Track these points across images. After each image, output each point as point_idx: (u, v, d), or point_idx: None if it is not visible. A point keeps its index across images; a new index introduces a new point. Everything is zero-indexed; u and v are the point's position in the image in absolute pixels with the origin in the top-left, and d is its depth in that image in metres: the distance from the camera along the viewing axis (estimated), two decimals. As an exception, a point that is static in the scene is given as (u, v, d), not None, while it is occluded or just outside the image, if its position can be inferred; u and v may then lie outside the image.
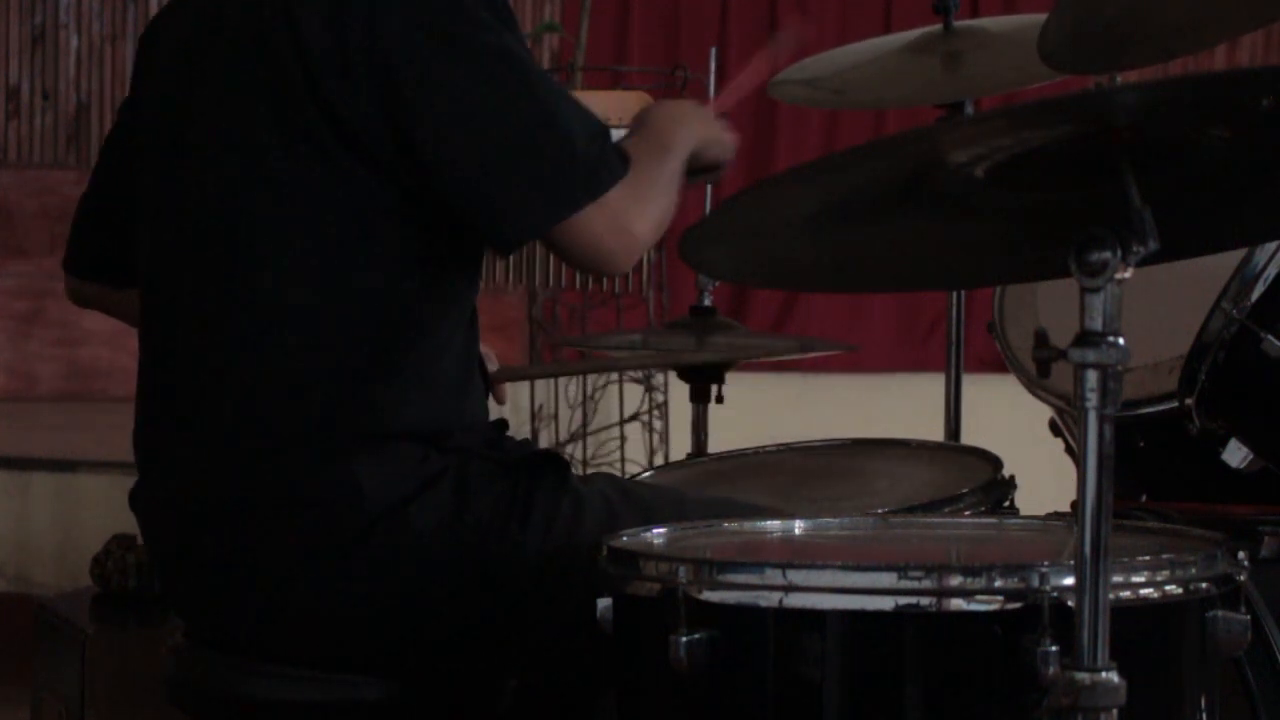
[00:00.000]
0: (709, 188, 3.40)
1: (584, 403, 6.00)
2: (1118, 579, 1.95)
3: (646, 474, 3.21)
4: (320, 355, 2.38)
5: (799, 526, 2.34)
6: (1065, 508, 2.61)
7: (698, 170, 2.59)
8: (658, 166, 2.49)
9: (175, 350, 2.48)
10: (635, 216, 2.42)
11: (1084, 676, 1.83)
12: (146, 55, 2.61)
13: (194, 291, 2.45)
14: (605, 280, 5.59)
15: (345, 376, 2.38)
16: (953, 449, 3.17)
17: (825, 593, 1.96)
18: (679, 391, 4.10)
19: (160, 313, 2.51)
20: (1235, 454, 2.82)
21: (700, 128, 2.57)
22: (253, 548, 2.39)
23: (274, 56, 2.39)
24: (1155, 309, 2.74)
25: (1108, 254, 1.84)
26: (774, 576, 1.98)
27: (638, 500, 2.50)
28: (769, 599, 1.97)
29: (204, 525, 2.42)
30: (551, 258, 4.45)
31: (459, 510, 2.38)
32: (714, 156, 2.60)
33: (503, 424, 2.56)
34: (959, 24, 3.48)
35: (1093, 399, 1.85)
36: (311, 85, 2.37)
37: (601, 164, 2.39)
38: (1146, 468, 2.98)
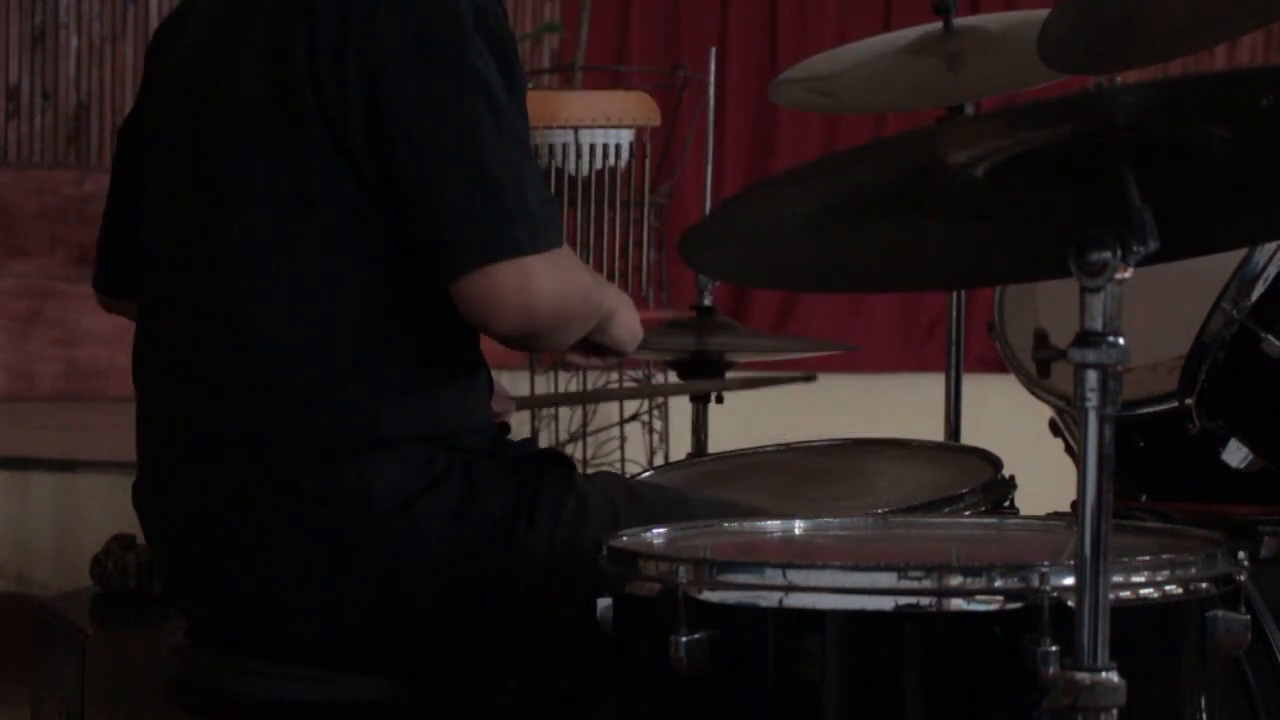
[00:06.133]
0: (709, 186, 3.40)
1: (584, 403, 5.98)
2: (1118, 579, 1.95)
3: (646, 474, 3.20)
4: (320, 358, 2.38)
5: (799, 526, 2.34)
6: (1065, 508, 2.61)
7: (601, 344, 2.55)
8: (589, 276, 2.48)
9: (174, 349, 2.48)
10: (545, 290, 2.34)
11: (1084, 676, 1.83)
12: (156, 64, 2.59)
13: (193, 295, 2.45)
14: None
15: (346, 378, 2.38)
16: (953, 449, 3.17)
17: (825, 593, 1.96)
18: (679, 391, 4.09)
19: (159, 313, 2.51)
20: (1235, 454, 2.82)
21: (624, 311, 2.54)
22: (257, 547, 2.40)
23: (289, 57, 2.38)
24: (1155, 309, 2.75)
25: (1108, 254, 1.84)
26: (774, 576, 1.98)
27: (641, 500, 2.51)
28: (769, 599, 1.97)
29: (207, 525, 2.42)
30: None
31: (465, 509, 2.38)
32: (617, 337, 2.55)
33: (505, 428, 2.56)
34: (959, 22, 3.48)
35: (1093, 399, 1.85)
36: (315, 86, 2.36)
37: (547, 223, 2.36)
38: (1146, 468, 2.98)
